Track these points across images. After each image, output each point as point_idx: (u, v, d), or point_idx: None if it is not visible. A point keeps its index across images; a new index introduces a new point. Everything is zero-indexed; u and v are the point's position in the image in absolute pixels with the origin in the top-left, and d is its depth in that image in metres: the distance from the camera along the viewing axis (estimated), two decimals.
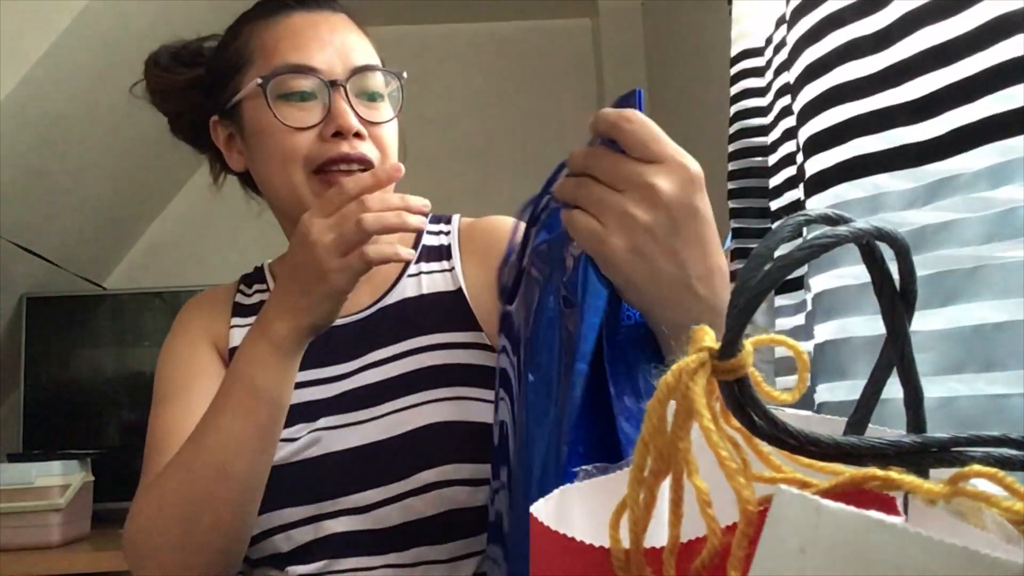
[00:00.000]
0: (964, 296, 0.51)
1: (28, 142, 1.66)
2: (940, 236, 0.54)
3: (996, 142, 0.51)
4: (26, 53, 1.49)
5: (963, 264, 0.52)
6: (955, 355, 0.51)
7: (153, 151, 2.17)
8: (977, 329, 0.50)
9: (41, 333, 2.12)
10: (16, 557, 1.54)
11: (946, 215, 0.55)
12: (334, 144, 0.81)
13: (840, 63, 0.62)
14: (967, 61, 0.52)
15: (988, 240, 0.51)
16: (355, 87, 0.84)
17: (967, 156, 0.53)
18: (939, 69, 0.54)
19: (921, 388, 0.31)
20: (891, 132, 0.58)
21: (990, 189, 0.52)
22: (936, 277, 0.53)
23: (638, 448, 0.29)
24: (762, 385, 0.28)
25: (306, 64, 0.82)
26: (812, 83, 0.65)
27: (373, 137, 0.84)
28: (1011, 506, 0.24)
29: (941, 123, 0.54)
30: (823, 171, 0.64)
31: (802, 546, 0.23)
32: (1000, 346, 0.48)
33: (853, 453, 0.27)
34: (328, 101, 0.82)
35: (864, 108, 0.60)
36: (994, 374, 0.50)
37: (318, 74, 0.82)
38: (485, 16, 2.62)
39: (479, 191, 2.45)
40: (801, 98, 0.67)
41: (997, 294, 0.50)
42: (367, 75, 0.84)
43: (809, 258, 0.28)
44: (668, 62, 2.32)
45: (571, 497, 0.39)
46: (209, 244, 2.47)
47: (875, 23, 0.59)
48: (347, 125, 0.81)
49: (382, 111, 0.86)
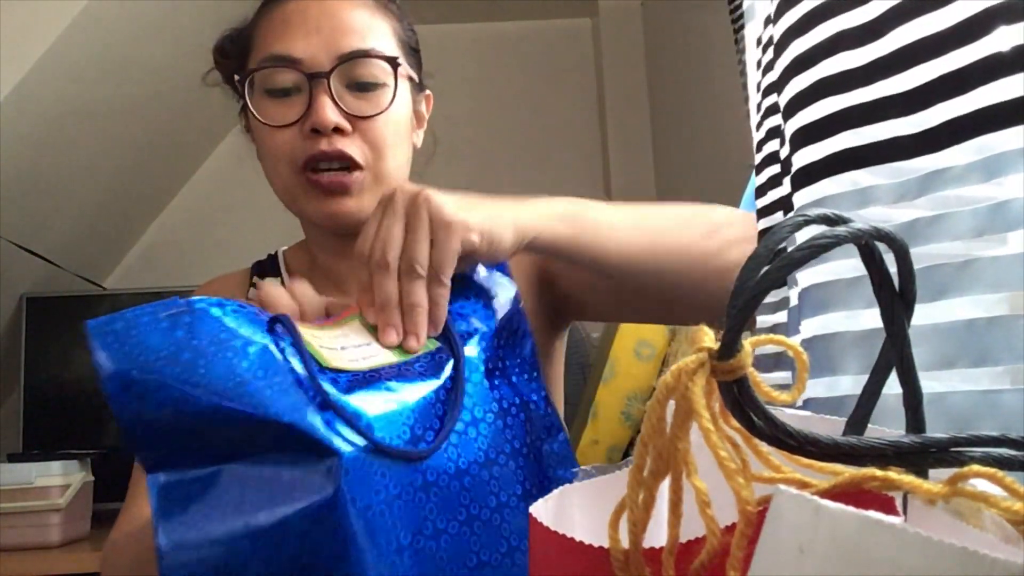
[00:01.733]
0: (955, 291, 0.51)
1: (28, 142, 1.66)
2: (931, 230, 0.54)
3: (987, 135, 0.50)
4: (26, 53, 1.49)
5: (954, 258, 0.52)
6: (947, 350, 0.51)
7: (153, 151, 2.17)
8: (969, 324, 0.50)
9: (41, 333, 2.12)
10: (16, 557, 1.54)
11: (937, 209, 0.54)
12: (313, 142, 0.76)
13: (828, 55, 0.62)
14: (958, 53, 0.52)
15: (979, 234, 0.51)
16: (344, 77, 0.77)
17: (958, 149, 0.53)
18: (930, 61, 0.54)
19: (920, 388, 0.31)
20: (880, 125, 0.58)
21: (981, 183, 0.52)
22: (927, 271, 0.53)
23: (638, 448, 0.29)
24: (761, 385, 0.29)
25: (286, 55, 0.77)
26: (799, 76, 0.65)
27: (363, 132, 0.77)
28: (1010, 506, 0.24)
29: (931, 116, 0.54)
30: (810, 164, 0.63)
31: (801, 546, 0.23)
32: (992, 341, 0.48)
33: (852, 453, 0.27)
34: (310, 95, 0.76)
35: (853, 101, 0.60)
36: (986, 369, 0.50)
37: (299, 66, 0.76)
38: (485, 16, 2.62)
39: (479, 190, 2.45)
40: (788, 91, 0.66)
41: (988, 288, 0.49)
42: (357, 63, 0.77)
43: (809, 258, 0.28)
44: (668, 62, 2.32)
45: (571, 497, 0.39)
46: (209, 244, 2.47)
47: (864, 15, 0.59)
48: (322, 121, 0.75)
49: (374, 102, 0.78)
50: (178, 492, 0.42)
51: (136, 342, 0.42)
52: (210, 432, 0.42)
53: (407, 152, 0.83)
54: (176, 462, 0.42)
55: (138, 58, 1.73)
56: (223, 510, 0.41)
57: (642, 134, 2.50)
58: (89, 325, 0.43)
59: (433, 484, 0.48)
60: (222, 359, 0.43)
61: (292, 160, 0.78)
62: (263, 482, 0.42)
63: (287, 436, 0.42)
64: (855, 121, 0.59)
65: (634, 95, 2.52)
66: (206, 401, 0.41)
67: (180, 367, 0.42)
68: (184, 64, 0.83)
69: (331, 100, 0.76)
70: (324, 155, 0.76)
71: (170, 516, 0.41)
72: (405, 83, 0.82)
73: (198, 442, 0.42)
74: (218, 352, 0.43)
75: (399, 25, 0.84)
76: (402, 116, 0.81)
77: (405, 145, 0.82)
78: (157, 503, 0.42)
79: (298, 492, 0.42)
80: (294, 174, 0.78)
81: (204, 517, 0.41)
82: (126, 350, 0.42)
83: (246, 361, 0.43)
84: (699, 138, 2.04)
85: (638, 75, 2.53)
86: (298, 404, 0.43)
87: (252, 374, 0.43)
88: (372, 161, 0.78)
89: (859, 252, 0.30)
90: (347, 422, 0.44)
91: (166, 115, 2.04)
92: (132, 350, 0.42)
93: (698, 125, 2.05)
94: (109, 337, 0.42)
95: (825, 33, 0.62)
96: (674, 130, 2.26)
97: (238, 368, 0.43)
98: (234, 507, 0.42)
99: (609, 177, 2.57)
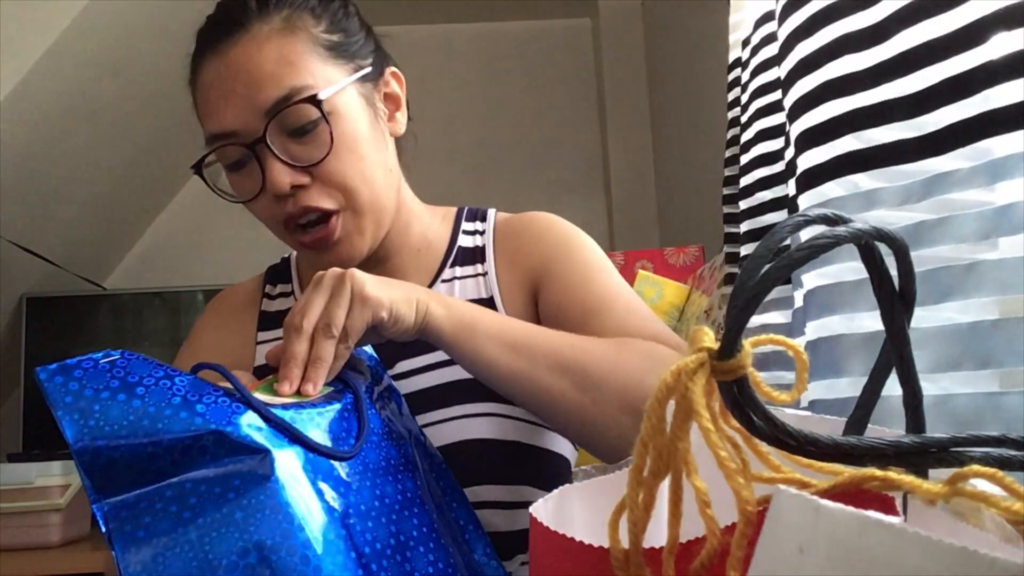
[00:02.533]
0: (959, 294, 0.51)
1: (28, 142, 1.66)
2: (935, 234, 0.54)
3: (991, 138, 0.51)
4: (26, 53, 1.49)
5: (959, 261, 0.52)
6: (951, 352, 0.51)
7: (152, 152, 2.17)
8: (973, 327, 0.50)
9: (41, 333, 2.12)
10: (16, 557, 1.54)
11: (941, 213, 0.55)
12: (281, 206, 0.75)
13: (832, 58, 0.62)
14: (961, 57, 0.52)
15: (984, 237, 0.51)
16: (280, 127, 0.74)
17: (961, 153, 0.53)
18: (933, 65, 0.54)
19: (920, 388, 0.31)
20: (884, 128, 0.58)
21: (986, 186, 0.52)
22: (931, 274, 0.53)
23: (638, 448, 0.29)
24: (761, 385, 0.28)
25: (220, 132, 0.75)
26: (804, 78, 0.65)
27: (322, 177, 0.75)
28: (1010, 506, 0.24)
29: (935, 119, 0.54)
30: (815, 167, 0.64)
31: (801, 546, 0.23)
32: (996, 343, 0.48)
33: (852, 453, 0.27)
34: (259, 162, 0.74)
35: (857, 104, 0.60)
36: (990, 371, 0.50)
37: (236, 138, 0.74)
38: (485, 16, 2.62)
39: (479, 191, 2.45)
40: (792, 93, 0.66)
41: (993, 291, 0.49)
42: (284, 113, 0.73)
43: (809, 258, 0.28)
44: (668, 62, 2.32)
45: (571, 497, 0.39)
46: (209, 244, 2.47)
47: (868, 18, 0.59)
48: (277, 189, 0.73)
49: (317, 143, 0.74)
50: (127, 512, 0.48)
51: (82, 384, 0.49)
52: (155, 453, 0.49)
53: (381, 163, 0.79)
54: (129, 486, 0.48)
55: (138, 58, 1.73)
56: (172, 519, 0.48)
57: (642, 134, 2.50)
58: (37, 372, 0.49)
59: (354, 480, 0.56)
60: (155, 391, 0.50)
61: (275, 225, 0.78)
62: (207, 485, 0.49)
63: (220, 444, 0.50)
64: (859, 124, 0.59)
65: (634, 95, 2.52)
66: (148, 426, 0.49)
67: (121, 405, 0.49)
68: (184, 64, 0.82)
69: (279, 162, 0.73)
70: (294, 216, 0.75)
71: (123, 534, 0.47)
72: (346, 97, 0.77)
73: (145, 464, 0.48)
74: (152, 386, 0.51)
75: (316, 31, 0.77)
76: (356, 137, 0.76)
77: (374, 159, 0.78)
78: (109, 525, 0.47)
79: (238, 486, 0.49)
80: (285, 234, 0.78)
81: (155, 528, 0.47)
82: (74, 390, 0.49)
83: (176, 390, 0.51)
84: (699, 138, 2.04)
85: (638, 75, 2.53)
86: (230, 415, 0.51)
87: (186, 396, 0.51)
88: (344, 200, 0.76)
89: (859, 252, 0.30)
90: (276, 426, 0.53)
91: (166, 115, 2.04)
92: (80, 391, 0.49)
93: (698, 125, 2.05)
94: (57, 379, 0.49)
95: (830, 36, 0.62)
96: (674, 130, 2.26)
97: (174, 398, 0.50)
98: (182, 512, 0.48)
99: (609, 177, 2.57)
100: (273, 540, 0.48)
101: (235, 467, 0.50)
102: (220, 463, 0.49)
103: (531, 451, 0.78)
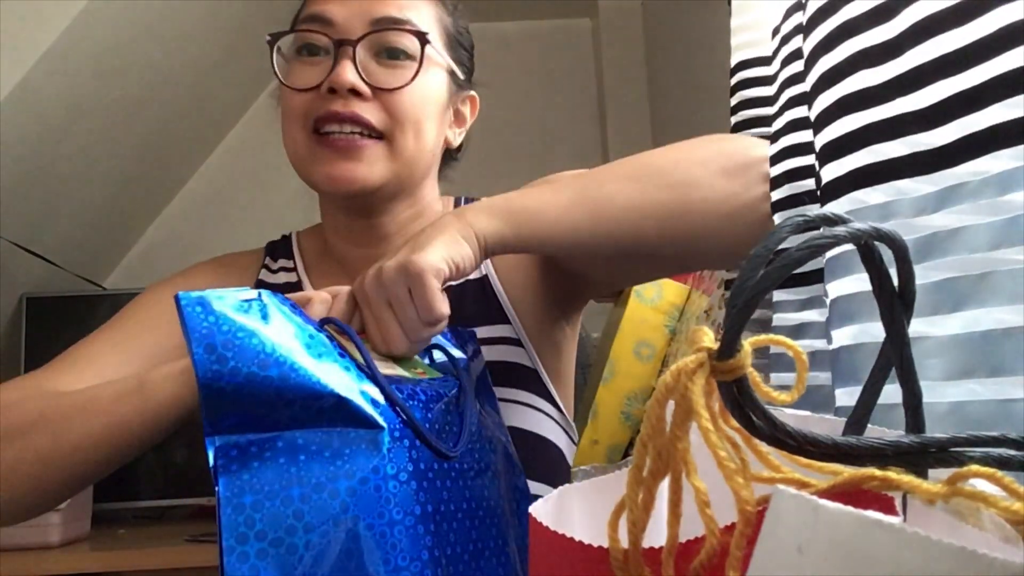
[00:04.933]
0: (973, 302, 0.52)
1: (28, 142, 1.66)
2: (949, 242, 0.54)
3: (1005, 149, 0.51)
4: (26, 53, 1.49)
5: (972, 270, 0.53)
6: (965, 360, 0.52)
7: (153, 151, 2.17)
8: (986, 335, 0.51)
9: (41, 333, 2.12)
10: (16, 557, 1.54)
11: (955, 221, 0.55)
12: (328, 101, 0.75)
13: (850, 74, 0.63)
14: (977, 69, 0.52)
15: (997, 246, 0.51)
16: (374, 45, 0.76)
17: (976, 163, 0.53)
18: (947, 78, 0.54)
19: (920, 389, 0.31)
20: (902, 140, 0.59)
21: (999, 195, 0.52)
22: (945, 283, 0.54)
23: (637, 448, 0.29)
24: (761, 385, 0.28)
25: (321, 15, 0.76)
26: (824, 93, 0.65)
27: (385, 101, 0.76)
28: (1009, 506, 0.24)
29: (951, 130, 0.55)
30: (834, 180, 0.64)
31: (800, 546, 0.23)
32: (1008, 351, 0.49)
33: (852, 453, 0.27)
34: (335, 60, 0.75)
35: (876, 116, 0.61)
36: (1002, 379, 0.50)
37: (330, 28, 0.75)
38: (485, 16, 2.62)
39: (478, 190, 2.45)
40: (816, 107, 0.67)
41: (1006, 299, 0.50)
42: (388, 31, 0.76)
43: (808, 258, 0.28)
44: (668, 62, 2.32)
45: (571, 497, 0.39)
46: (209, 244, 2.47)
47: (883, 33, 0.59)
48: (339, 80, 0.73)
49: (399, 74, 0.76)
50: (238, 452, 0.48)
51: (220, 316, 0.50)
52: (274, 401, 0.49)
53: (434, 138, 0.81)
54: (242, 428, 0.49)
55: (138, 58, 1.73)
56: (279, 470, 0.48)
57: (642, 134, 2.50)
58: (179, 297, 0.50)
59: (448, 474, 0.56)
60: (288, 339, 0.51)
61: (305, 119, 0.76)
62: (316, 447, 0.50)
63: (338, 409, 0.50)
64: (875, 138, 0.60)
65: (634, 95, 2.52)
66: (275, 373, 0.49)
67: (255, 344, 0.49)
68: (184, 64, 0.82)
69: (353, 65, 0.74)
70: (337, 115, 0.74)
71: (229, 472, 0.48)
72: (439, 68, 0.80)
73: (263, 410, 0.49)
74: (285, 333, 0.51)
75: (446, 16, 0.83)
76: (429, 96, 0.79)
77: (432, 127, 0.80)
78: (218, 460, 0.48)
79: (347, 456, 0.50)
80: (305, 135, 0.76)
81: (261, 474, 0.48)
82: (211, 321, 0.49)
83: (309, 346, 0.52)
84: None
85: (638, 75, 2.53)
86: (355, 385, 0.52)
87: (316, 354, 0.51)
88: (391, 129, 0.76)
89: (858, 252, 0.30)
90: (394, 405, 0.53)
91: (166, 115, 2.04)
92: (217, 322, 0.49)
93: (698, 125, 2.05)
94: (198, 308, 0.50)
95: (848, 51, 0.62)
96: (674, 130, 2.26)
97: (301, 348, 0.51)
98: (289, 466, 0.49)
99: None
100: (368, 520, 0.49)
101: (348, 436, 0.50)
102: (334, 428, 0.50)
103: (525, 436, 0.78)
